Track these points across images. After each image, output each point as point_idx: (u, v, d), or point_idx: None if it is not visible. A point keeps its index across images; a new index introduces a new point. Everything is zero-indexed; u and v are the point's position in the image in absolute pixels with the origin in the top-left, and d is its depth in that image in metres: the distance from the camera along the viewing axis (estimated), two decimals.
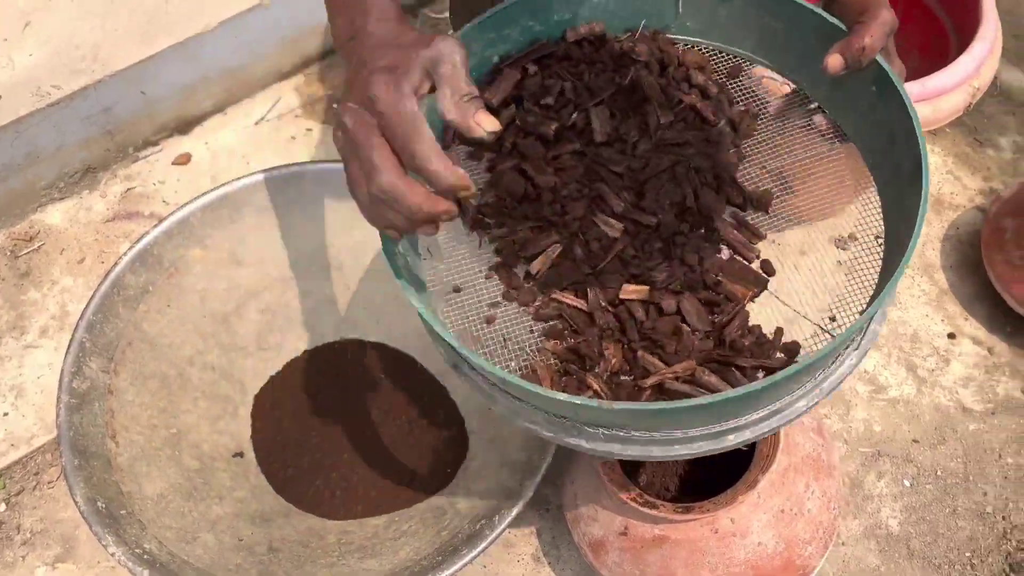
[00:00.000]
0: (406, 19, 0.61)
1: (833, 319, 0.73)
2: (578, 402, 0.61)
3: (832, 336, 0.71)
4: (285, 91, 1.63)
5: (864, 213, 0.77)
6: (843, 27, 0.73)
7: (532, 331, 0.74)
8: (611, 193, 0.76)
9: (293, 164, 1.27)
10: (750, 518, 1.02)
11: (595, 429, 0.68)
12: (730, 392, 0.61)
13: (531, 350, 0.73)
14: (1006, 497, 1.31)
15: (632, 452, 0.69)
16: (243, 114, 1.60)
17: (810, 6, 0.76)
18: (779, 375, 0.60)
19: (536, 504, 1.30)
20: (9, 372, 1.38)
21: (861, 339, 0.70)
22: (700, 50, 0.86)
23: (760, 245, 0.78)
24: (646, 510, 1.01)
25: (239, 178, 1.25)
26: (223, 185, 1.24)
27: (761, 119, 0.83)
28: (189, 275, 1.25)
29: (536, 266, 0.74)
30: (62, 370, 1.11)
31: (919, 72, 1.23)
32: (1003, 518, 1.30)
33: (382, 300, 1.34)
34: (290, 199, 1.28)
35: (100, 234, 1.48)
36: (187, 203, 1.24)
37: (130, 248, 1.20)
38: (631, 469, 1.17)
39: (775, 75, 0.84)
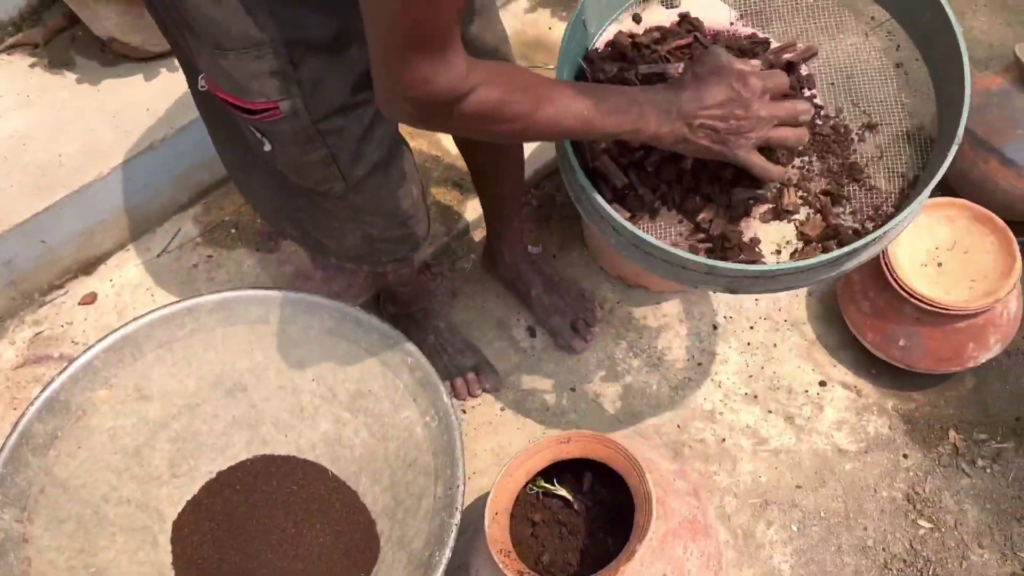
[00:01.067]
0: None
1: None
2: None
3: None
4: (184, 222, 1.72)
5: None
6: None
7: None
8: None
9: (188, 298, 1.35)
10: None
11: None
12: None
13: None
14: (884, 529, 1.42)
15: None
16: (145, 248, 1.68)
17: None
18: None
19: None
20: None
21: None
22: None
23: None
24: None
25: (137, 318, 1.32)
26: (122, 326, 1.31)
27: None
28: (97, 415, 1.31)
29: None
30: None
31: None
32: (883, 549, 1.40)
33: (288, 416, 1.41)
34: (189, 331, 1.36)
35: (11, 381, 1.52)
36: (89, 347, 1.30)
37: (36, 398, 1.25)
38: (534, 551, 1.25)
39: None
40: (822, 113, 1.08)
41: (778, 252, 1.02)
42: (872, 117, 1.08)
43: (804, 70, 1.11)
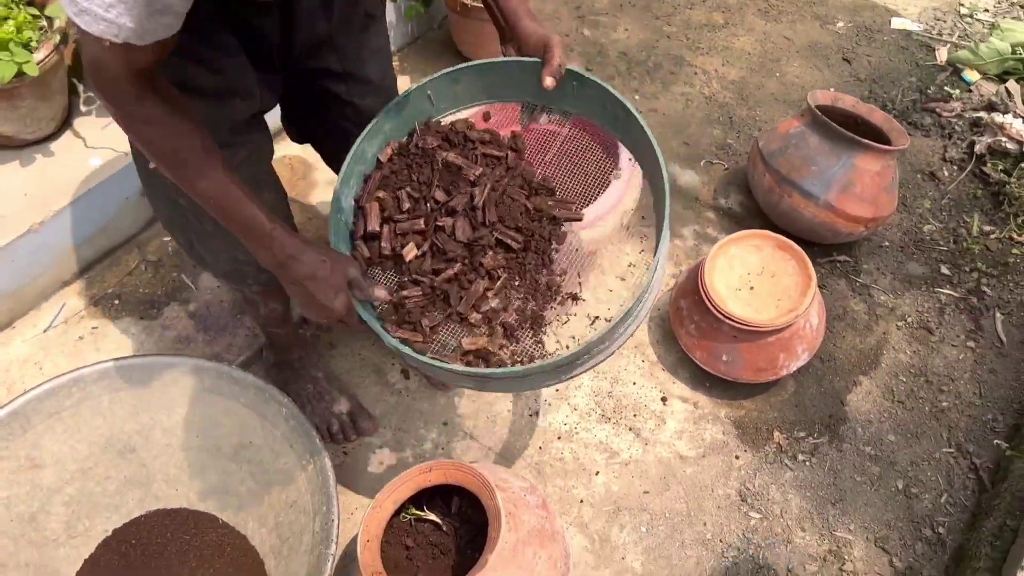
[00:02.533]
0: (305, 240, 1.11)
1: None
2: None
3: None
4: (69, 296, 1.81)
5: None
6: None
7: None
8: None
9: (73, 370, 1.45)
10: None
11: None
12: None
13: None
14: (720, 523, 1.62)
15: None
16: (31, 325, 1.76)
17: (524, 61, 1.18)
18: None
19: None
20: None
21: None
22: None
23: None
24: None
25: (24, 392, 1.42)
26: (9, 402, 1.41)
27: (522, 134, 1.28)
28: None
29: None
30: None
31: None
32: (720, 540, 1.60)
33: (177, 471, 1.52)
34: (76, 400, 1.46)
35: None
36: None
37: None
38: (409, 572, 1.39)
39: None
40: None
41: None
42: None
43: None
